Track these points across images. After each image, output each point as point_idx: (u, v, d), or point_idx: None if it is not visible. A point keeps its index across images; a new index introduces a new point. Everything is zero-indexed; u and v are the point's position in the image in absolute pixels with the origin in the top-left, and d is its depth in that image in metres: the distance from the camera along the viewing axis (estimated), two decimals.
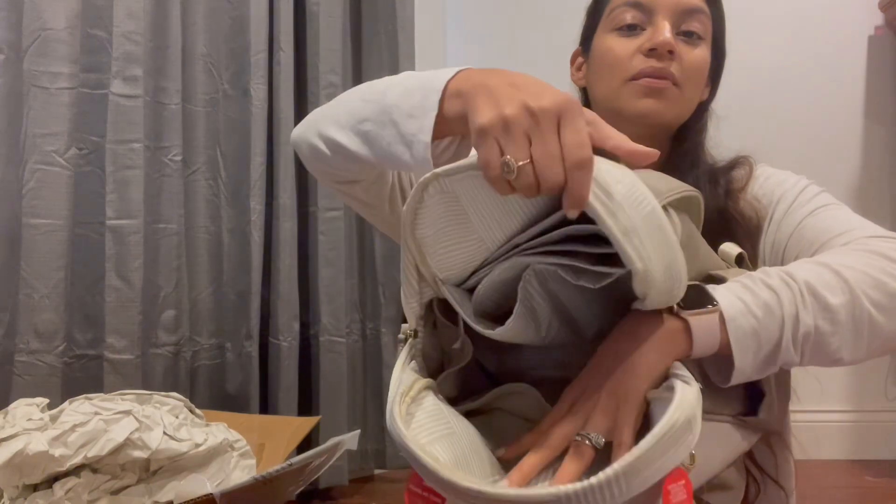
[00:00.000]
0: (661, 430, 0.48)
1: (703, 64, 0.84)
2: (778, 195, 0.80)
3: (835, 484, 1.81)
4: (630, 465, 0.47)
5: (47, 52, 1.37)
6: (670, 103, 0.81)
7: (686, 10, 0.82)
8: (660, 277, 0.51)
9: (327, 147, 0.69)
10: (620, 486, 0.46)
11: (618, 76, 0.82)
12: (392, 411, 0.55)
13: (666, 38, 0.80)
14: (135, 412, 0.99)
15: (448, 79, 0.58)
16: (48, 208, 1.36)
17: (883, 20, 2.04)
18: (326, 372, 1.71)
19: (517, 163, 0.49)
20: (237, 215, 1.64)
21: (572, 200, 0.49)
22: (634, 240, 0.49)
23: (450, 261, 0.60)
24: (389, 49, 1.82)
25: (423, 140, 0.58)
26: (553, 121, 0.50)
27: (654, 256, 0.50)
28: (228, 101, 1.65)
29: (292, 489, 1.10)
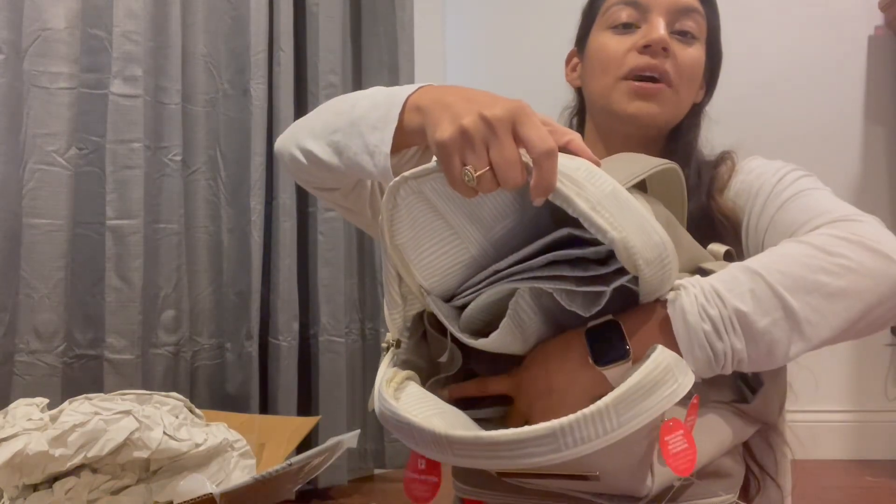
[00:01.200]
0: (649, 367, 0.50)
1: (698, 63, 0.84)
2: (756, 188, 0.78)
3: (835, 484, 1.81)
4: (620, 397, 0.48)
5: (47, 52, 1.37)
6: (663, 105, 0.81)
7: (681, 8, 0.82)
8: (640, 244, 0.52)
9: (304, 157, 0.72)
10: (611, 418, 0.48)
11: (612, 73, 0.82)
12: (380, 391, 0.57)
13: (661, 35, 0.80)
14: (135, 412, 0.99)
15: (409, 94, 0.62)
16: (48, 208, 1.36)
17: (883, 20, 2.04)
18: (325, 372, 1.71)
19: (476, 172, 0.53)
20: (237, 215, 1.64)
21: (541, 188, 0.52)
22: (603, 212, 0.51)
23: (432, 266, 0.61)
24: (389, 49, 1.83)
25: (384, 151, 0.62)
26: (507, 126, 0.53)
27: (627, 224, 0.52)
28: (228, 101, 1.65)
29: (291, 487, 1.10)
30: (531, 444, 0.48)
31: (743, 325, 0.55)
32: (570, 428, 0.48)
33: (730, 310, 0.55)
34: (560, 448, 0.48)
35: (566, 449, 0.48)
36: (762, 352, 0.56)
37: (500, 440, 0.49)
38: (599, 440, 0.48)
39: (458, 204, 0.58)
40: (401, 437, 0.55)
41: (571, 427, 0.48)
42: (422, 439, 0.52)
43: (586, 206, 0.51)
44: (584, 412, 0.48)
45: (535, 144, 0.52)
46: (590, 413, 0.48)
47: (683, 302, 0.56)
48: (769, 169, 0.79)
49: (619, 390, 0.49)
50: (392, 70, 1.82)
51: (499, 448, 0.49)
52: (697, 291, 0.56)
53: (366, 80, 1.85)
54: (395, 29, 1.81)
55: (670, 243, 0.55)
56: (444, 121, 0.55)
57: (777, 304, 0.56)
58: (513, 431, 0.49)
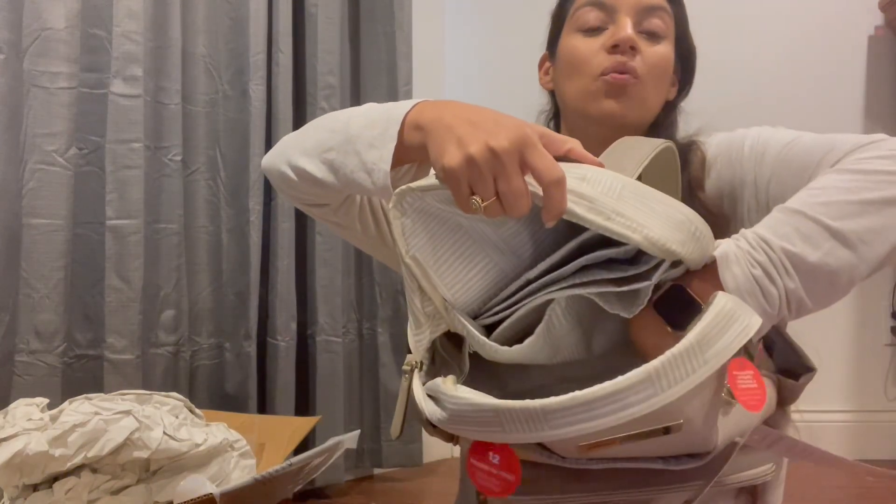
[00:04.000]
0: (717, 307, 0.52)
1: (665, 61, 0.85)
2: (735, 154, 0.80)
3: (835, 484, 1.81)
4: (700, 335, 0.50)
5: (47, 52, 1.37)
6: (632, 102, 0.83)
7: (647, 7, 0.84)
8: (666, 232, 0.53)
9: (295, 174, 0.73)
10: (697, 355, 0.49)
11: (584, 74, 0.84)
12: (442, 391, 0.55)
13: (627, 34, 0.81)
14: (135, 412, 0.99)
15: (406, 111, 0.63)
16: (48, 208, 1.36)
17: (883, 20, 2.04)
18: (323, 371, 1.72)
19: (483, 202, 0.54)
20: (236, 215, 1.64)
21: (552, 214, 0.53)
22: (618, 218, 0.52)
23: (453, 275, 0.60)
24: (387, 50, 1.83)
25: (383, 168, 0.62)
26: (515, 158, 0.53)
27: (646, 219, 0.52)
28: (228, 102, 1.65)
29: (291, 487, 1.10)
30: (630, 392, 0.48)
31: (795, 264, 0.57)
32: (664, 369, 0.48)
33: (778, 252, 0.57)
34: (657, 391, 0.48)
35: (662, 392, 0.48)
36: (822, 285, 0.57)
37: (598, 395, 0.48)
38: (691, 378, 0.49)
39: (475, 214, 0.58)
40: (478, 431, 0.53)
41: (665, 368, 0.48)
42: (511, 420, 0.51)
43: (601, 218, 0.52)
44: (673, 352, 0.48)
45: (544, 175, 0.52)
46: (678, 353, 0.48)
47: (730, 253, 0.57)
48: (737, 135, 0.81)
49: (697, 329, 0.50)
50: (391, 71, 1.82)
51: (596, 405, 0.48)
52: (742, 242, 0.58)
53: (364, 81, 1.85)
54: (394, 30, 1.81)
55: (694, 213, 0.55)
56: (449, 146, 0.55)
57: (826, 234, 0.57)
58: (610, 383, 0.48)
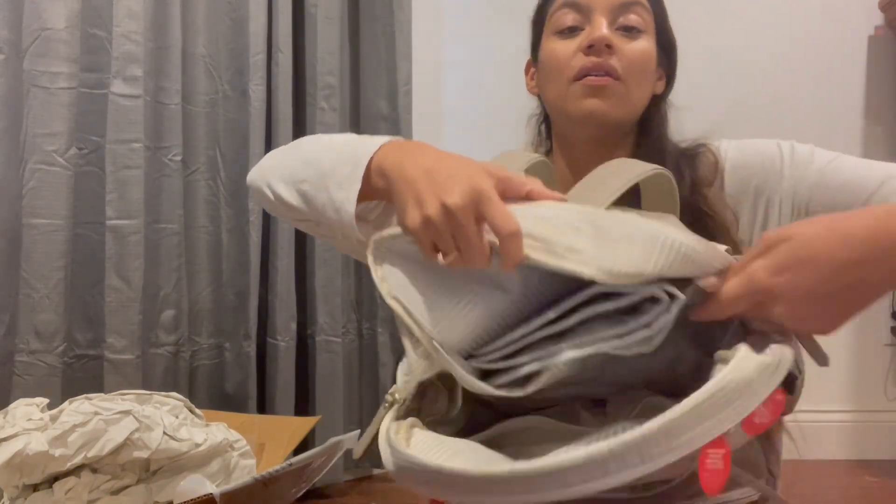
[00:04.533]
0: (709, 390, 0.46)
1: (645, 56, 0.84)
2: (767, 164, 0.81)
3: (835, 484, 1.81)
4: (671, 423, 0.45)
5: (47, 52, 1.37)
6: (614, 101, 0.82)
7: (622, 4, 0.83)
8: (626, 258, 0.50)
9: (273, 197, 0.75)
10: (659, 444, 0.44)
11: (563, 77, 0.83)
12: (392, 443, 0.54)
13: (602, 34, 0.81)
14: (135, 412, 0.99)
15: (372, 153, 0.65)
16: (48, 208, 1.36)
17: (883, 20, 2.04)
18: (323, 371, 1.71)
19: (445, 259, 0.55)
20: (236, 215, 1.64)
21: (510, 263, 0.53)
22: (571, 256, 0.50)
23: (439, 313, 0.58)
24: (387, 50, 1.83)
25: (349, 210, 0.64)
26: (469, 214, 0.54)
27: (603, 251, 0.50)
28: (228, 102, 1.65)
29: (294, 491, 1.10)
30: (572, 472, 0.45)
31: None
32: (612, 454, 0.44)
33: None
34: (601, 475, 0.45)
35: (608, 476, 0.45)
36: None
37: (540, 470, 0.45)
38: (644, 466, 0.45)
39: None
40: (424, 488, 0.52)
41: (612, 454, 0.44)
42: (453, 487, 0.49)
43: (553, 259, 0.51)
44: (626, 438, 0.44)
45: (500, 228, 0.53)
46: (632, 440, 0.44)
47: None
48: (767, 144, 0.82)
49: (675, 413, 0.45)
50: (391, 71, 1.82)
51: (539, 482, 0.46)
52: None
53: (364, 81, 1.85)
54: (394, 30, 1.81)
55: (659, 225, 0.53)
56: (408, 205, 0.57)
57: None
58: (553, 460, 0.45)
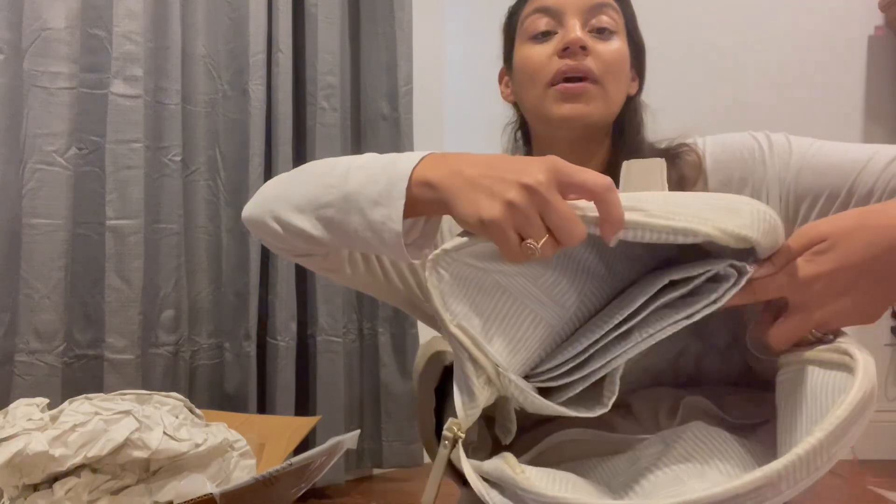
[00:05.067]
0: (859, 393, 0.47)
1: (620, 56, 0.85)
2: (748, 155, 0.82)
3: (835, 484, 1.81)
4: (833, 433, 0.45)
5: (47, 52, 1.37)
6: (591, 103, 0.83)
7: (593, 6, 0.84)
8: (732, 220, 0.51)
9: (283, 230, 0.69)
10: (825, 454, 0.45)
11: (539, 81, 0.84)
12: (504, 475, 0.52)
13: (576, 36, 0.81)
14: (135, 412, 0.99)
15: (413, 166, 0.59)
16: (48, 208, 1.36)
17: (883, 20, 2.04)
18: (323, 372, 1.71)
19: (538, 243, 0.51)
20: (236, 215, 1.64)
21: (613, 224, 0.51)
22: (680, 216, 0.50)
23: (503, 338, 0.57)
24: (387, 50, 1.83)
25: (394, 229, 0.58)
26: (553, 187, 0.51)
27: (708, 213, 0.51)
28: (227, 102, 1.65)
29: (294, 491, 1.10)
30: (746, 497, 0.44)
31: None
32: (786, 471, 0.44)
33: None
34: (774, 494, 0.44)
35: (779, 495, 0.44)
36: None
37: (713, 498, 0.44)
38: (810, 478, 0.45)
39: (512, 268, 0.55)
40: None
41: (787, 470, 0.44)
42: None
43: (662, 220, 0.50)
44: (799, 452, 0.44)
45: (593, 185, 0.51)
46: (803, 453, 0.44)
47: None
48: (746, 137, 0.83)
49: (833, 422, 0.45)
50: (391, 71, 1.82)
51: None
52: None
53: (364, 81, 1.85)
54: (394, 29, 1.81)
55: (747, 198, 0.55)
56: (479, 198, 0.53)
57: None
58: (723, 489, 0.43)
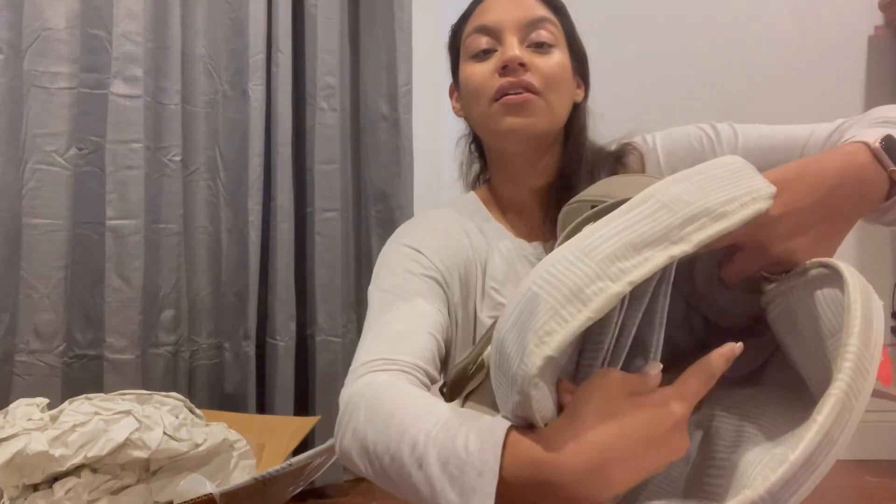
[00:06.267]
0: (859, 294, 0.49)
1: (560, 69, 0.86)
2: (694, 145, 0.85)
3: (835, 484, 1.81)
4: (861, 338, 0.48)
5: (47, 52, 1.37)
6: (536, 115, 0.84)
7: (530, 22, 0.85)
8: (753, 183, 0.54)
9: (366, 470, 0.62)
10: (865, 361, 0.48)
11: (483, 99, 0.86)
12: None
13: (513, 54, 0.83)
14: (135, 412, 0.99)
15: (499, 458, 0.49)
16: (48, 208, 1.36)
17: (883, 20, 2.04)
18: (322, 371, 1.71)
19: None
20: (235, 216, 1.64)
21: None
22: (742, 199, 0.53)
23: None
24: (387, 50, 1.83)
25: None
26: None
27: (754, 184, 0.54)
28: (227, 102, 1.65)
29: (292, 489, 1.10)
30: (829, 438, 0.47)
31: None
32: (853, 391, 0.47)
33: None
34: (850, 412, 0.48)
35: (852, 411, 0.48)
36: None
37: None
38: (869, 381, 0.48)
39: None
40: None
41: (853, 389, 0.47)
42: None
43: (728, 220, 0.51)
44: (838, 397, 0.47)
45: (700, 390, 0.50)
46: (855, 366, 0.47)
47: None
48: (690, 129, 0.87)
49: (853, 351, 0.48)
50: (391, 71, 1.82)
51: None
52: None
53: (364, 81, 1.85)
54: (394, 30, 1.81)
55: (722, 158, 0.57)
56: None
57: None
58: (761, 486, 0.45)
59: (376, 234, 1.80)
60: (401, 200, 1.78)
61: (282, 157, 1.65)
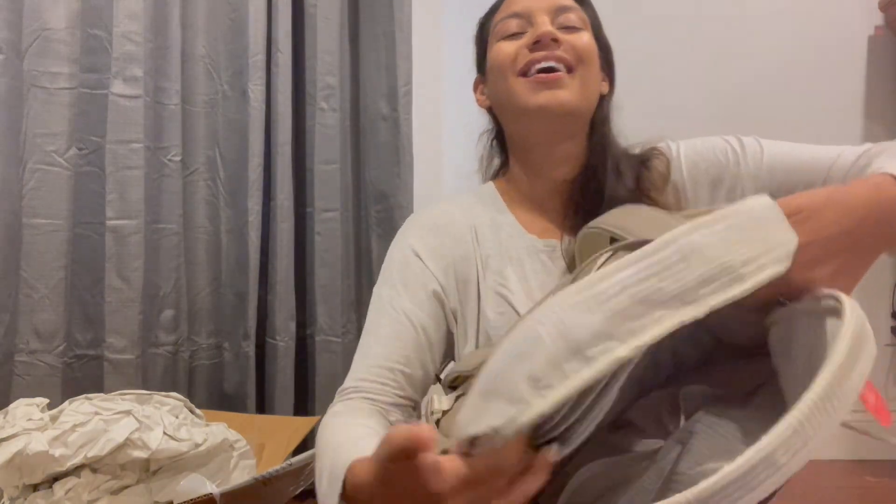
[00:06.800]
0: (850, 333, 0.48)
1: (591, 46, 0.87)
2: (720, 157, 0.84)
3: (835, 484, 1.81)
4: (835, 375, 0.46)
5: (47, 52, 1.37)
6: (568, 90, 0.84)
7: (559, 7, 0.87)
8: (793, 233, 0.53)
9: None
10: (837, 395, 0.46)
11: (509, 72, 0.86)
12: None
13: (547, 29, 0.84)
14: (135, 412, 0.99)
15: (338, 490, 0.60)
16: (48, 208, 1.36)
17: (883, 20, 2.04)
18: (322, 371, 1.71)
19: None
20: (235, 216, 1.64)
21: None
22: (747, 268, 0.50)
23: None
24: (387, 50, 1.82)
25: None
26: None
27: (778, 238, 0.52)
28: (227, 102, 1.65)
29: (292, 489, 1.10)
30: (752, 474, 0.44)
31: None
32: (806, 420, 0.45)
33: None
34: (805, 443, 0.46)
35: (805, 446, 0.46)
36: None
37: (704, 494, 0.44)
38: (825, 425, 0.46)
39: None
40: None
41: (806, 419, 0.45)
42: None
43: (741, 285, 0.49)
44: (807, 401, 0.45)
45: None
46: (811, 402, 0.45)
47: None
48: (716, 141, 0.86)
49: (832, 366, 0.46)
50: (390, 71, 1.82)
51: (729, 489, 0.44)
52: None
53: (364, 81, 1.85)
54: (394, 30, 1.81)
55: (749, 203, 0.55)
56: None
57: None
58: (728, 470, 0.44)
59: (376, 234, 1.80)
60: (401, 200, 1.78)
61: (282, 157, 1.65)
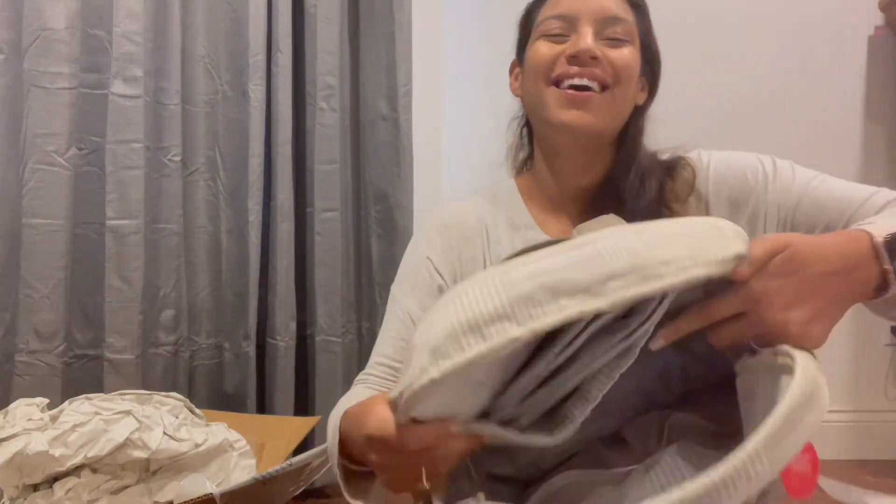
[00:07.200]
0: (798, 391, 0.48)
1: (631, 62, 0.85)
2: (751, 177, 0.83)
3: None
4: (770, 438, 0.45)
5: (47, 52, 1.37)
6: (596, 113, 0.82)
7: (608, 17, 0.84)
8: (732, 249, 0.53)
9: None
10: (763, 460, 0.44)
11: (542, 77, 0.85)
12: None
13: (587, 46, 0.82)
14: (135, 412, 0.99)
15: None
16: (48, 208, 1.37)
17: (883, 20, 2.04)
18: (322, 371, 1.71)
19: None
20: (235, 216, 1.64)
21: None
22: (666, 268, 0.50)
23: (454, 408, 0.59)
24: (387, 50, 1.82)
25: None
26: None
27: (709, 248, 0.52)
28: (227, 102, 1.65)
29: (292, 489, 1.10)
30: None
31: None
32: (725, 483, 0.43)
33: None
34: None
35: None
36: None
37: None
38: (753, 485, 0.44)
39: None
40: None
41: (725, 482, 0.43)
42: None
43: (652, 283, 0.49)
44: (738, 459, 0.44)
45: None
46: (741, 464, 0.44)
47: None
48: (749, 158, 0.84)
49: (770, 426, 0.45)
50: (390, 71, 1.82)
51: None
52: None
53: (364, 82, 1.85)
54: (394, 30, 1.81)
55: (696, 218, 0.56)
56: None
57: None
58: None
59: (376, 234, 1.80)
60: (401, 200, 1.78)
61: (282, 157, 1.65)
